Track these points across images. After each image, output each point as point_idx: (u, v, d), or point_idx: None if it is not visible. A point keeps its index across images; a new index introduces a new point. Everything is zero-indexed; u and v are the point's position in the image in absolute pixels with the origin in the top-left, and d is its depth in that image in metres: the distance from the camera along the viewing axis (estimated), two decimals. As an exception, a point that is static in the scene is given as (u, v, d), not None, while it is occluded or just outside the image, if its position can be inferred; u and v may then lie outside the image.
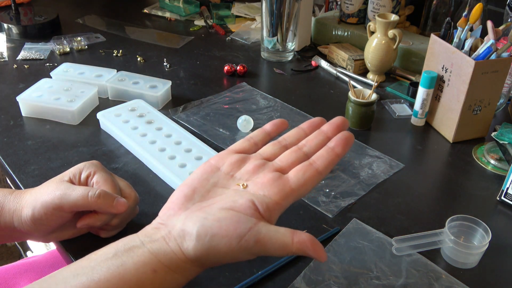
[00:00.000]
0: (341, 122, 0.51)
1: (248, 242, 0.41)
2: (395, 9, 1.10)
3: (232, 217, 0.42)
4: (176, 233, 0.43)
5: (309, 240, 0.42)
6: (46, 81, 0.94)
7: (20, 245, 1.46)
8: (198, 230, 0.42)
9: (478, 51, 0.81)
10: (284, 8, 1.08)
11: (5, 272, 0.82)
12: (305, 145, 0.50)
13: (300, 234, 0.42)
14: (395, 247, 0.62)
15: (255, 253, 0.42)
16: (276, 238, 0.42)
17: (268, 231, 0.42)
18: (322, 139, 0.50)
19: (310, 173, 0.47)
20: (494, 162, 0.81)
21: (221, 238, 0.41)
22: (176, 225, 0.44)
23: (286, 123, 0.54)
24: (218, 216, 0.43)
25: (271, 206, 0.44)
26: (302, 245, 0.42)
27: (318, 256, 0.42)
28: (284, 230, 0.43)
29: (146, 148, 0.77)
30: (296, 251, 0.42)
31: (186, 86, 1.03)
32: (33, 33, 1.21)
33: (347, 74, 1.09)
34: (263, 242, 0.42)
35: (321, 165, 0.47)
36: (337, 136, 0.49)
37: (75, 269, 0.43)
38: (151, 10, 1.43)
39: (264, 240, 0.42)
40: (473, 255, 0.61)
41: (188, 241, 0.42)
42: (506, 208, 0.72)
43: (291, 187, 0.46)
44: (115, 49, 1.16)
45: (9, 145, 0.81)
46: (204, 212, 0.44)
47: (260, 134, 0.53)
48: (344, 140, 0.48)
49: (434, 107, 0.90)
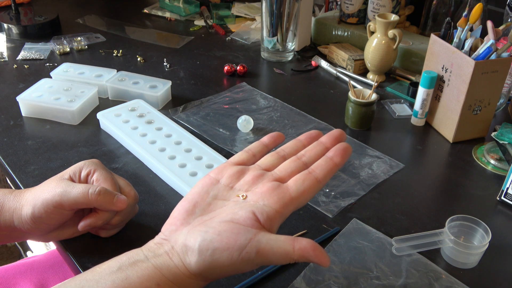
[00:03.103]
0: (339, 134, 0.52)
1: (249, 253, 0.41)
2: (395, 9, 1.10)
3: (232, 230, 0.43)
4: (179, 248, 0.43)
5: (310, 246, 0.42)
6: (46, 81, 0.94)
7: (20, 245, 1.46)
8: (200, 245, 0.42)
9: (478, 51, 0.81)
10: (284, 8, 1.08)
11: (5, 272, 0.82)
12: (304, 155, 0.51)
13: (301, 240, 0.42)
14: (395, 247, 0.62)
15: (257, 263, 0.42)
16: (277, 247, 0.42)
17: (269, 240, 0.42)
18: (321, 149, 0.51)
19: (310, 181, 0.47)
20: (494, 162, 0.81)
21: (222, 251, 0.41)
22: (179, 240, 0.44)
23: (283, 136, 0.55)
24: (219, 229, 0.43)
25: (272, 215, 0.45)
26: (303, 252, 0.42)
27: (321, 261, 0.42)
28: (285, 238, 0.43)
29: (146, 148, 0.77)
30: (298, 258, 0.42)
31: (186, 86, 1.03)
32: (33, 33, 1.21)
33: (347, 74, 1.09)
34: (264, 252, 0.42)
35: (321, 174, 0.48)
36: (336, 147, 0.50)
37: (80, 282, 0.43)
38: (151, 10, 1.43)
39: (265, 250, 0.42)
40: (473, 255, 0.61)
41: (190, 256, 0.42)
42: (506, 208, 0.72)
43: (291, 195, 0.46)
44: (115, 49, 1.16)
45: (9, 145, 0.81)
46: (205, 226, 0.44)
47: (258, 146, 0.53)
48: (342, 150, 0.49)
49: (434, 107, 0.90)
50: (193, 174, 0.73)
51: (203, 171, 0.73)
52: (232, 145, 0.83)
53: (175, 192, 0.72)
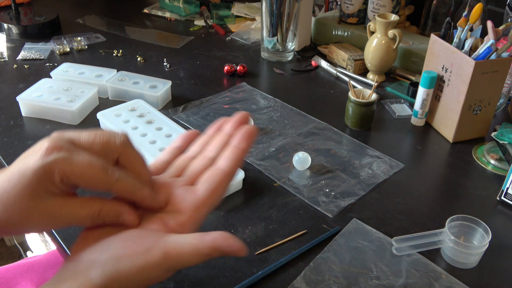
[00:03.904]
0: (242, 117, 0.48)
1: (156, 255, 0.38)
2: (395, 9, 1.10)
3: (136, 234, 0.40)
4: (83, 265, 0.39)
5: (221, 236, 0.39)
6: (46, 81, 0.94)
7: (20, 245, 1.46)
8: (103, 256, 0.39)
9: (478, 51, 0.81)
10: (284, 8, 1.08)
11: (5, 272, 0.82)
12: (209, 149, 0.47)
13: (212, 233, 0.39)
14: (395, 247, 0.62)
15: (167, 267, 0.39)
16: (186, 244, 0.39)
17: (176, 239, 0.39)
18: (225, 139, 0.47)
19: (217, 177, 0.44)
20: (494, 162, 0.81)
21: (126, 257, 0.38)
22: (83, 257, 0.40)
23: (196, 132, 0.50)
24: (123, 237, 0.40)
25: (182, 220, 0.42)
26: (213, 243, 0.38)
27: (234, 250, 0.39)
28: (194, 234, 0.40)
29: (146, 148, 0.77)
30: (210, 251, 0.39)
31: (186, 86, 1.03)
32: (33, 33, 1.21)
33: (347, 74, 1.09)
34: (172, 252, 0.38)
35: (227, 165, 0.44)
36: (239, 132, 0.46)
37: None
38: (151, 10, 1.43)
39: (172, 250, 0.38)
40: (473, 255, 0.61)
41: (94, 270, 0.38)
42: (506, 208, 0.72)
43: (201, 196, 0.43)
44: (115, 49, 1.16)
45: (9, 145, 0.81)
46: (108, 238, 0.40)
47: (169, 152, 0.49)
48: (245, 134, 0.46)
49: (434, 107, 0.90)
50: (193, 174, 0.72)
51: (203, 171, 0.73)
52: (232, 145, 0.83)
53: (175, 192, 0.72)
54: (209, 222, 0.67)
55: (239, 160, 0.45)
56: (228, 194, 0.72)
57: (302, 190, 0.74)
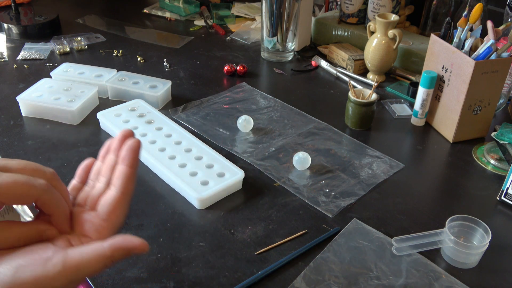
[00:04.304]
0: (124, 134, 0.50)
1: (55, 265, 0.38)
2: (395, 9, 1.10)
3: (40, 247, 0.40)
4: None
5: (120, 236, 0.40)
6: (46, 81, 0.94)
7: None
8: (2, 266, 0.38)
9: (478, 51, 0.81)
10: (284, 8, 1.08)
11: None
12: (101, 174, 0.48)
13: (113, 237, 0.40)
14: (395, 247, 0.62)
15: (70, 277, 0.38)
16: (87, 250, 0.39)
17: (78, 249, 0.40)
18: (114, 159, 0.48)
19: (112, 200, 0.45)
20: (494, 162, 0.81)
21: (25, 267, 0.38)
22: None
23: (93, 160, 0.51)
24: (26, 250, 0.40)
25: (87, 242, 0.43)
26: (113, 243, 0.39)
27: (136, 246, 0.39)
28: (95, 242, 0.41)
29: (146, 148, 0.77)
30: (111, 252, 0.39)
31: (186, 86, 1.03)
32: (33, 33, 1.21)
33: (347, 74, 1.09)
34: (72, 261, 0.38)
35: (119, 186, 0.46)
36: (122, 150, 0.48)
37: None
38: (151, 10, 1.43)
39: (72, 258, 0.38)
40: (473, 255, 0.61)
41: None
42: (506, 208, 0.72)
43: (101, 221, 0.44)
44: (115, 49, 1.16)
45: (9, 145, 0.81)
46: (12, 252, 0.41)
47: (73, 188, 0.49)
48: (130, 150, 0.47)
49: (434, 107, 0.90)
50: (193, 174, 0.73)
51: (203, 171, 0.73)
52: (232, 145, 0.83)
53: (175, 192, 0.72)
54: (209, 222, 0.67)
55: (130, 177, 0.46)
56: (228, 194, 0.72)
57: (302, 190, 0.74)
